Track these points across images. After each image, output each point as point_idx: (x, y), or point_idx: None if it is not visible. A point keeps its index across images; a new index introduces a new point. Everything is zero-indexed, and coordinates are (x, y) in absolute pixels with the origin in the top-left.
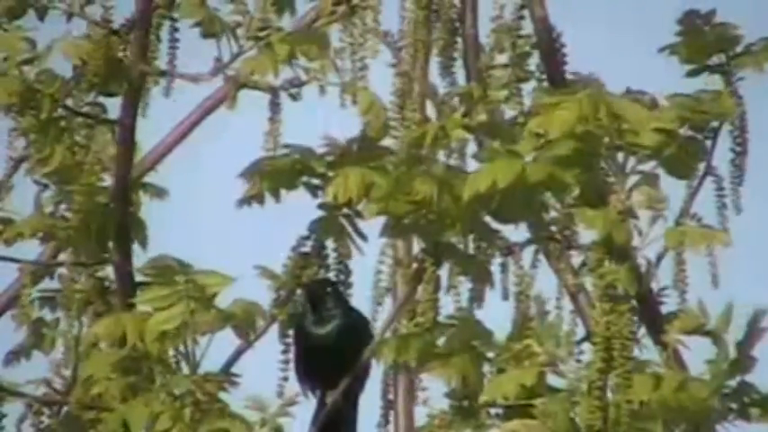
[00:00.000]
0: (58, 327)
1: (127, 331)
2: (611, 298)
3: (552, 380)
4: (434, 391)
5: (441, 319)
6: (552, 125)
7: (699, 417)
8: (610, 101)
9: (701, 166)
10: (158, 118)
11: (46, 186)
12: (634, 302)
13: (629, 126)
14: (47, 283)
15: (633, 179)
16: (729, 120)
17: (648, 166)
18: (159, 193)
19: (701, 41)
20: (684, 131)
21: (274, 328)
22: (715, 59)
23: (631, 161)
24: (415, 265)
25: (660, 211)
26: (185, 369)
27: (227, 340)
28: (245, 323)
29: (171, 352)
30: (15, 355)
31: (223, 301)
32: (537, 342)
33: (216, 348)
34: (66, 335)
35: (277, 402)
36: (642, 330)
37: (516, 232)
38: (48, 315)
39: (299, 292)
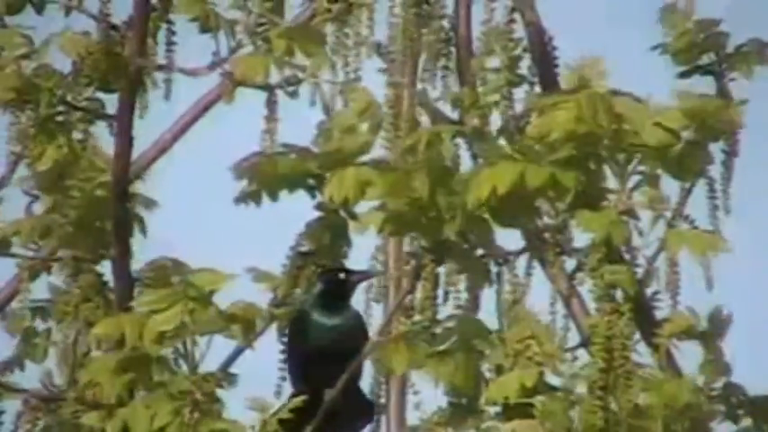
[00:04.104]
0: (49, 337)
1: (126, 332)
2: (611, 298)
3: (550, 378)
4: (427, 394)
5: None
6: (552, 126)
7: (687, 417)
8: (609, 100)
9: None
10: (156, 115)
11: (36, 198)
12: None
13: (630, 126)
14: (41, 290)
15: (634, 180)
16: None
17: (649, 166)
18: (147, 203)
19: (689, 41)
20: (689, 135)
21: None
22: (705, 59)
23: (632, 162)
24: (413, 263)
25: (661, 211)
26: (185, 369)
27: (226, 340)
28: (246, 324)
29: (170, 352)
30: (8, 365)
31: (223, 301)
32: (536, 342)
33: (217, 349)
34: (59, 344)
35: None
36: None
37: (511, 242)
38: (40, 325)
39: (297, 291)
